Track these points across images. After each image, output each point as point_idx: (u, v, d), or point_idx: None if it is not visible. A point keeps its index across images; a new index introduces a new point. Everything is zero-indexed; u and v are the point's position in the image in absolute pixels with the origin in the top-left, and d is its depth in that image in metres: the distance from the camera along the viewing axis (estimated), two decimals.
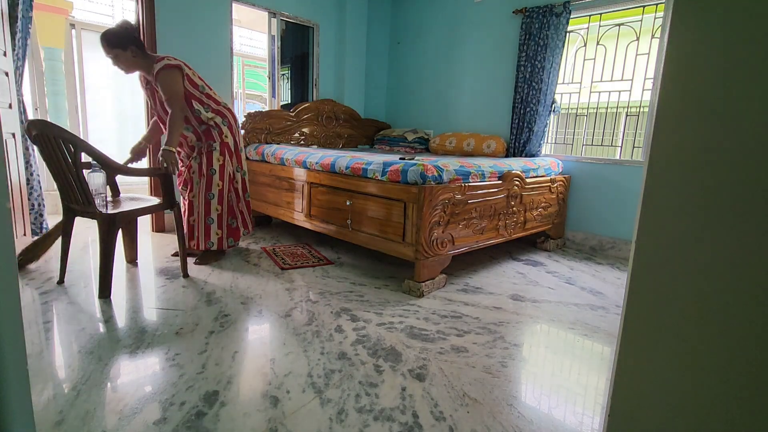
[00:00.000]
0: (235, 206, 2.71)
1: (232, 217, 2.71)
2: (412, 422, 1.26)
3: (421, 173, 2.19)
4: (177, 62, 2.37)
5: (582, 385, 1.55)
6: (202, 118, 2.51)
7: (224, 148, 2.57)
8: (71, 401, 1.29)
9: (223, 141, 2.57)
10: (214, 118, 2.54)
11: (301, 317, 1.95)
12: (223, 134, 2.57)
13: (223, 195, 2.60)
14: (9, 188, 0.68)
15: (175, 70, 2.35)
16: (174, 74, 2.34)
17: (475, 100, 3.97)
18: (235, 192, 2.70)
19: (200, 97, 2.49)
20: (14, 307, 0.69)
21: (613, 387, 0.75)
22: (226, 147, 2.58)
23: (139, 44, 2.32)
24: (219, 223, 2.62)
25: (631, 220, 3.12)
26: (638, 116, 3.24)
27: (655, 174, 0.67)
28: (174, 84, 2.34)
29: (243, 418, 1.25)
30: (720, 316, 0.63)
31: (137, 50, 2.31)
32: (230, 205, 2.68)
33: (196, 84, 2.47)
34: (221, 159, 2.56)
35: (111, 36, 2.25)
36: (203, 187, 2.55)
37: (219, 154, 2.55)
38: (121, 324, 1.82)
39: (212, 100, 2.55)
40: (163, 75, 2.32)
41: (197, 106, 2.47)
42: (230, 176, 2.64)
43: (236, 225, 2.73)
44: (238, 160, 2.70)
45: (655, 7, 2.96)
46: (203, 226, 2.58)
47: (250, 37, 7.23)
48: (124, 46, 2.26)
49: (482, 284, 2.52)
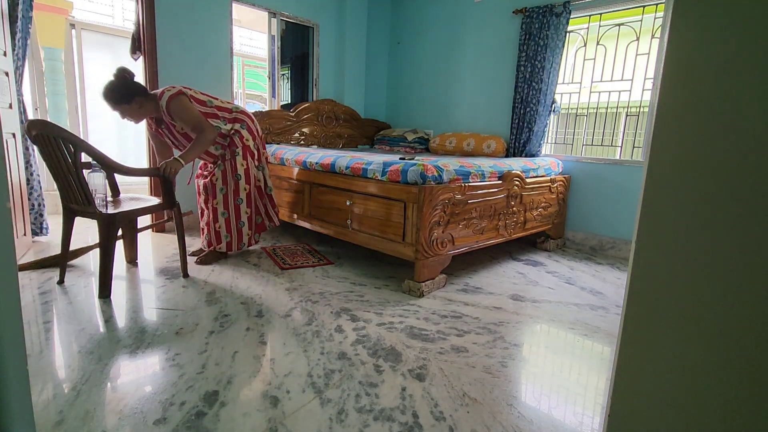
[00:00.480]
0: (258, 203, 2.75)
1: (258, 215, 2.77)
2: (412, 422, 1.26)
3: (421, 173, 2.19)
4: (177, 89, 2.34)
5: (582, 385, 1.55)
6: (224, 132, 2.52)
7: (246, 152, 2.59)
8: (71, 401, 1.29)
9: (245, 145, 2.58)
10: (233, 127, 2.57)
11: (301, 317, 1.95)
12: (244, 138, 2.58)
13: (251, 198, 2.66)
14: (9, 188, 0.68)
15: (181, 97, 2.32)
16: (182, 100, 2.32)
17: (475, 100, 3.97)
18: (257, 190, 2.73)
19: (212, 112, 2.47)
20: (14, 307, 0.69)
21: (613, 387, 0.75)
22: (248, 150, 2.60)
23: (141, 92, 2.27)
24: (249, 225, 2.68)
25: (631, 220, 3.12)
26: (638, 116, 3.24)
27: (655, 174, 0.67)
28: (188, 109, 2.32)
29: (243, 418, 1.25)
30: (720, 316, 0.63)
31: (142, 99, 2.27)
32: (256, 205, 2.74)
33: (203, 101, 2.45)
34: (245, 163, 2.59)
35: (113, 93, 2.20)
36: (230, 193, 2.58)
37: (242, 158, 2.57)
38: (121, 324, 1.82)
39: (225, 111, 2.55)
40: (174, 106, 2.29)
41: (215, 123, 2.46)
42: (254, 177, 2.67)
43: (261, 220, 2.80)
44: (259, 160, 2.71)
45: (655, 7, 2.96)
46: (236, 230, 2.62)
47: (250, 37, 7.23)
48: (128, 101, 2.22)
49: (482, 284, 2.52)
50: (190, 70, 3.32)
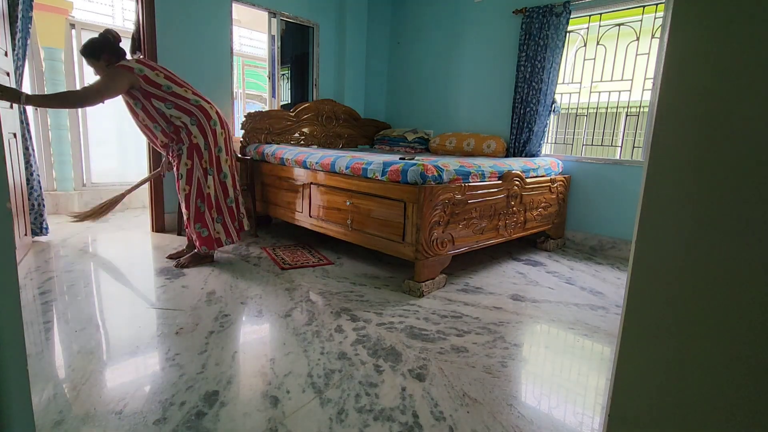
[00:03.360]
0: (206, 213, 2.52)
1: (202, 225, 2.52)
2: (412, 422, 1.26)
3: (421, 173, 2.19)
4: (133, 65, 2.29)
5: (582, 385, 1.55)
6: (167, 116, 2.39)
7: (192, 150, 2.43)
8: (71, 401, 1.29)
9: (191, 143, 2.43)
10: (180, 117, 2.40)
11: (301, 317, 1.95)
12: (192, 135, 2.43)
13: (190, 200, 2.48)
14: (9, 188, 0.68)
15: (125, 71, 2.26)
16: (120, 72, 2.25)
17: (475, 100, 3.97)
18: (207, 197, 2.51)
19: (162, 95, 2.36)
20: (14, 307, 0.69)
21: (613, 387, 0.75)
22: (194, 149, 2.44)
23: (113, 52, 2.30)
24: (191, 228, 2.54)
25: (631, 220, 3.12)
26: (638, 116, 3.24)
27: (655, 174, 0.67)
28: (112, 80, 2.24)
29: (243, 418, 1.25)
30: (720, 316, 0.63)
31: (111, 58, 2.30)
32: (200, 212, 2.51)
33: (159, 84, 2.34)
34: (189, 163, 2.44)
35: (86, 47, 2.28)
36: (178, 190, 2.52)
37: (186, 157, 2.43)
38: (121, 324, 1.82)
39: (180, 99, 2.40)
40: (111, 70, 2.27)
41: (157, 103, 2.35)
42: (199, 180, 2.48)
43: (208, 233, 2.53)
44: (210, 162, 2.50)
45: (655, 7, 2.96)
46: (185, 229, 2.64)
47: (250, 37, 7.23)
48: (96, 56, 2.28)
49: (482, 284, 2.52)
50: (190, 70, 3.32)
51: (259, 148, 3.45)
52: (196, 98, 2.46)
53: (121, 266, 2.53)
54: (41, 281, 2.23)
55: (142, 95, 2.33)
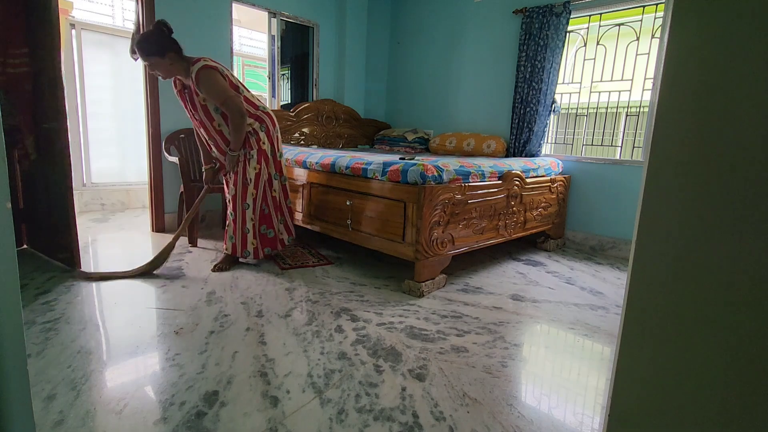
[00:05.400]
0: (273, 215, 2.60)
1: (268, 227, 2.59)
2: (412, 422, 1.26)
3: (421, 173, 2.19)
4: (215, 63, 2.30)
5: (582, 385, 1.55)
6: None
7: (261, 156, 2.46)
8: (71, 401, 1.29)
9: (260, 148, 2.46)
10: (252, 124, 2.43)
11: (301, 317, 1.95)
12: (260, 141, 2.45)
13: (257, 205, 2.51)
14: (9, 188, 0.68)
15: (214, 71, 2.27)
16: (214, 74, 2.26)
17: (475, 100, 3.97)
18: (273, 200, 2.58)
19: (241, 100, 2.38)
20: (14, 307, 0.69)
21: (613, 387, 0.75)
22: (263, 154, 2.47)
23: (177, 48, 2.24)
24: (254, 233, 2.53)
25: (631, 220, 3.12)
26: (638, 116, 3.24)
27: (655, 174, 0.67)
28: (218, 83, 2.26)
29: (243, 418, 1.25)
30: (720, 316, 0.63)
31: (176, 56, 2.23)
32: (264, 215, 2.56)
33: (236, 86, 2.38)
34: (257, 167, 2.46)
35: (147, 43, 2.17)
36: (239, 196, 2.47)
37: (256, 162, 2.45)
38: (122, 324, 1.82)
39: (251, 104, 2.44)
40: (204, 77, 2.23)
41: None
42: (266, 184, 2.53)
43: (274, 234, 2.61)
44: (276, 167, 2.57)
45: (655, 7, 2.96)
46: (240, 234, 2.51)
47: (250, 37, 7.22)
48: (162, 53, 2.18)
49: (482, 284, 2.52)
50: None
51: None
52: (262, 105, 2.53)
53: (121, 266, 2.53)
54: (42, 281, 2.24)
55: None
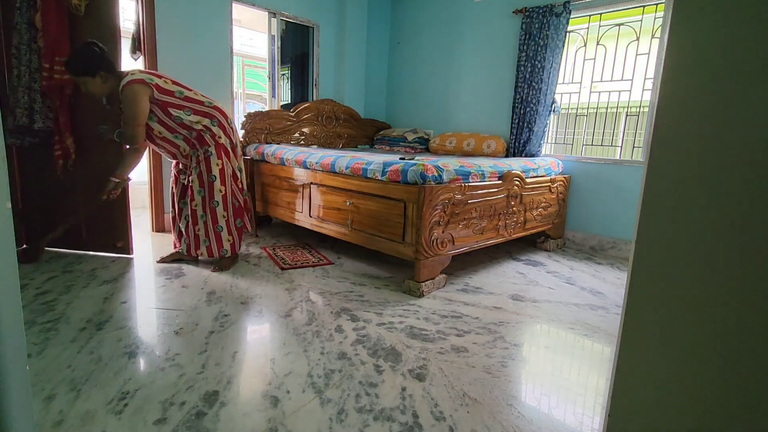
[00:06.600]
0: (242, 206, 2.60)
1: (240, 219, 2.59)
2: (412, 422, 1.26)
3: (421, 173, 2.19)
4: (141, 76, 2.21)
5: (582, 385, 1.55)
6: (187, 123, 2.35)
7: (221, 150, 2.44)
8: (71, 401, 1.29)
9: (218, 143, 2.43)
10: (200, 121, 2.38)
11: (301, 317, 1.95)
12: (216, 136, 2.42)
13: (227, 200, 2.49)
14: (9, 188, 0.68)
15: (139, 86, 2.18)
16: (138, 94, 2.18)
17: (475, 100, 3.97)
18: (240, 192, 2.59)
19: (178, 102, 2.32)
20: (14, 307, 0.69)
21: (613, 387, 0.75)
22: (222, 149, 2.44)
23: (108, 66, 2.17)
24: (228, 229, 2.51)
25: (631, 220, 3.12)
26: (638, 116, 3.24)
27: (655, 174, 0.67)
28: (135, 103, 2.18)
29: (243, 418, 1.25)
30: (720, 316, 0.63)
31: (107, 74, 2.17)
32: (236, 208, 2.56)
33: (170, 91, 2.30)
34: (220, 163, 2.43)
35: (75, 62, 2.11)
36: (206, 196, 2.43)
37: (217, 158, 2.42)
38: (121, 324, 1.82)
39: (195, 103, 2.38)
40: (127, 92, 2.16)
41: (176, 112, 2.31)
42: (232, 177, 2.51)
43: (242, 224, 2.62)
44: (237, 158, 2.56)
45: (655, 7, 2.96)
46: (213, 234, 2.48)
47: (250, 37, 7.21)
48: (92, 73, 2.13)
49: (482, 284, 2.52)
50: (190, 70, 3.31)
51: (259, 148, 3.45)
52: (208, 100, 2.47)
53: (121, 265, 2.53)
54: (41, 281, 2.23)
55: (159, 107, 2.27)
